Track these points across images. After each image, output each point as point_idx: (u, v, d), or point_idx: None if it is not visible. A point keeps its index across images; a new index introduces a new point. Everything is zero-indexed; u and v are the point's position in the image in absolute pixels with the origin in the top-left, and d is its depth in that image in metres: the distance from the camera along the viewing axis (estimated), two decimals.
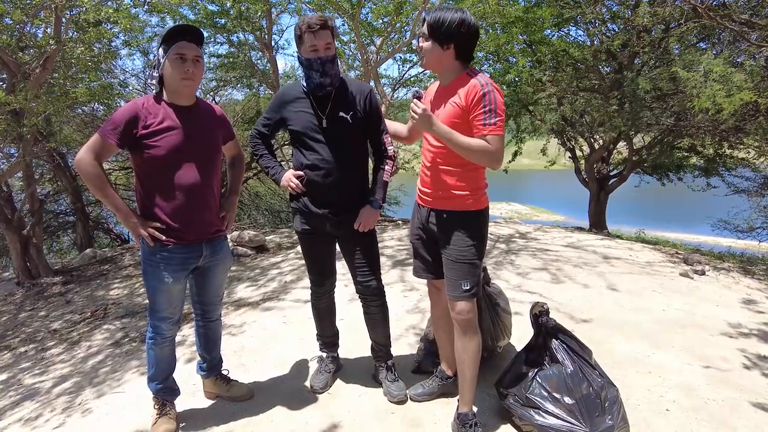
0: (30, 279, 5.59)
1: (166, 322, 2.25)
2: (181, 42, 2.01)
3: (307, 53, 2.16)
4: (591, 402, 2.02)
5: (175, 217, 2.10)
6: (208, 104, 2.29)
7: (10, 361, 3.67)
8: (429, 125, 1.95)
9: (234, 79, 8.74)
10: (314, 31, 2.12)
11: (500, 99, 1.93)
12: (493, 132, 1.91)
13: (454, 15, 1.94)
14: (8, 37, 4.88)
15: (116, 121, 2.00)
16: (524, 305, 3.51)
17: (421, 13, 6.61)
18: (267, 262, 5.48)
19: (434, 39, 1.98)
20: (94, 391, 2.90)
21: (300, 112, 2.28)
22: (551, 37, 7.97)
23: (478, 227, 2.11)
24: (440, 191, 2.13)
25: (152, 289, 2.17)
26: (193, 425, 2.37)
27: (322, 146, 2.26)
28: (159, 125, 2.03)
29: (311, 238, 2.44)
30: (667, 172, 9.56)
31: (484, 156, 1.94)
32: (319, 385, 2.59)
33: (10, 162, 5.61)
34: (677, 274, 4.52)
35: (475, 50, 2.12)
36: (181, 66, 2.01)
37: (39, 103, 4.51)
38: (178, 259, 2.15)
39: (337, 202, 2.31)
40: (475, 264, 2.11)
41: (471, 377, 2.15)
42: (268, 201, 12.84)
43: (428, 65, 2.08)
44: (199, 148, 2.12)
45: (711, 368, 2.79)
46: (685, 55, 5.80)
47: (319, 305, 2.61)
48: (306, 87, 2.29)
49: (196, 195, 2.12)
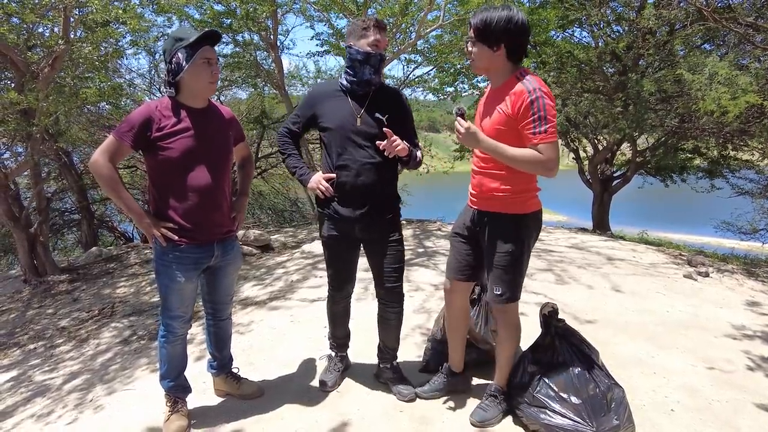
0: (37, 277, 5.63)
1: (178, 321, 2.28)
2: (206, 46, 2.05)
3: (368, 47, 2.17)
4: (597, 402, 2.04)
5: (187, 217, 2.13)
6: (219, 106, 2.32)
7: (20, 357, 3.71)
8: (475, 142, 1.94)
9: (239, 78, 8.78)
10: (380, 28, 2.17)
11: (550, 103, 1.88)
12: (545, 140, 1.86)
13: (501, 13, 1.89)
14: (17, 36, 4.92)
15: (131, 123, 2.03)
16: (529, 306, 3.54)
17: (427, 14, 6.63)
18: (272, 261, 5.51)
19: (482, 41, 1.93)
20: (105, 388, 2.94)
21: (335, 110, 2.27)
22: (556, 38, 7.99)
23: (518, 232, 2.08)
24: (484, 193, 2.13)
25: (165, 287, 2.20)
26: (204, 422, 2.40)
27: (355, 146, 2.24)
28: (173, 127, 2.06)
29: (338, 244, 2.39)
30: (670, 174, 9.58)
31: (535, 166, 1.91)
32: (329, 383, 2.62)
33: (18, 160, 5.65)
34: (681, 275, 4.54)
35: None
36: (208, 70, 2.06)
37: (49, 103, 4.56)
38: (190, 258, 2.18)
39: (367, 205, 2.28)
40: (508, 270, 2.10)
41: (506, 362, 2.28)
42: (271, 200, 12.88)
43: (479, 69, 2.04)
44: (212, 150, 2.15)
45: (715, 369, 2.81)
46: (690, 58, 5.82)
47: (336, 309, 2.60)
48: (347, 84, 2.27)
49: (209, 196, 2.15)
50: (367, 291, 3.96)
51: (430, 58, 8.61)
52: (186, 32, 2.06)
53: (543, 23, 7.11)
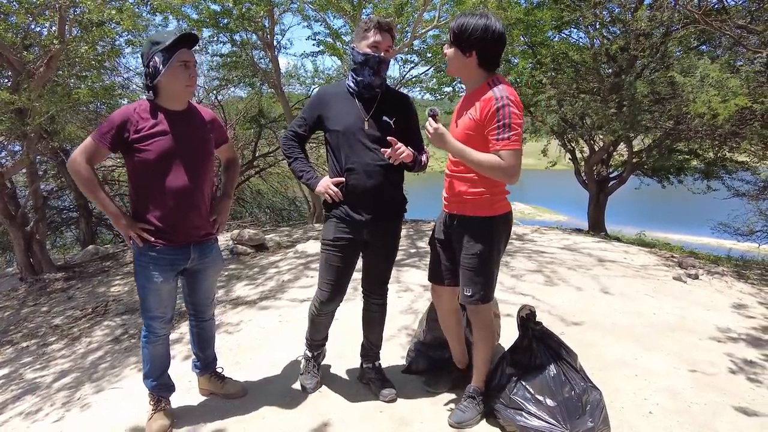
0: (33, 275, 5.67)
1: (158, 321, 2.30)
2: (182, 49, 2.05)
3: (367, 48, 2.17)
4: (572, 404, 2.07)
5: (163, 219, 2.14)
6: (200, 108, 2.32)
7: (12, 355, 3.75)
8: (443, 143, 2.00)
9: (236, 78, 8.80)
10: (383, 29, 2.17)
11: (516, 112, 1.91)
12: (507, 147, 1.90)
13: (478, 21, 1.93)
14: (13, 35, 4.95)
15: (108, 125, 2.06)
16: (516, 308, 3.54)
17: (422, 14, 6.65)
18: (266, 260, 5.54)
19: (457, 46, 1.98)
20: (93, 387, 2.97)
21: (343, 112, 2.26)
22: (552, 39, 8.00)
23: (488, 234, 2.12)
24: (455, 196, 2.18)
25: (142, 288, 2.23)
26: (188, 421, 2.43)
27: (364, 149, 2.23)
28: (150, 130, 2.07)
29: (343, 248, 2.34)
30: (667, 175, 9.58)
31: (496, 171, 1.95)
32: (310, 385, 2.64)
33: (14, 159, 5.69)
34: (671, 277, 4.56)
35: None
36: (185, 73, 2.08)
37: (42, 103, 4.58)
38: (166, 260, 2.19)
39: (376, 207, 2.29)
40: (478, 272, 2.14)
41: (482, 363, 2.31)
42: (270, 199, 12.91)
43: (452, 72, 2.10)
44: (189, 152, 2.16)
45: (697, 372, 2.83)
46: (683, 60, 5.82)
47: (319, 318, 2.56)
48: (354, 86, 2.27)
49: (186, 198, 2.16)
50: (356, 291, 3.98)
51: (427, 58, 8.63)
52: (163, 36, 2.06)
53: (539, 24, 7.13)
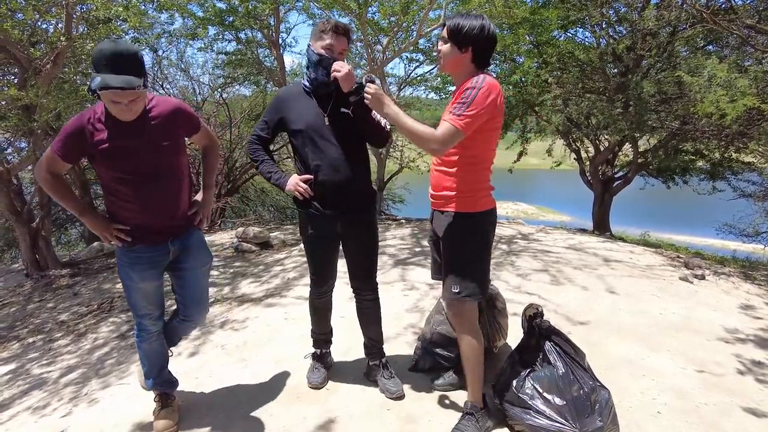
0: (39, 271, 5.69)
1: (147, 319, 2.27)
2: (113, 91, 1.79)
3: (321, 49, 2.21)
4: (581, 403, 2.06)
5: (136, 219, 2.10)
6: (162, 102, 2.12)
7: (18, 351, 3.76)
8: (380, 106, 2.03)
9: (241, 76, 8.81)
10: (338, 33, 2.21)
11: (480, 98, 1.91)
12: (453, 121, 1.92)
13: (474, 21, 2.00)
14: (20, 32, 4.96)
15: (62, 136, 1.98)
16: (522, 307, 3.54)
17: (428, 13, 6.64)
18: (271, 258, 5.55)
19: (453, 42, 2.02)
20: (100, 382, 2.98)
21: (302, 111, 2.29)
22: (558, 38, 7.97)
23: (470, 230, 2.13)
24: (438, 192, 2.18)
25: (126, 287, 2.21)
26: (194, 417, 2.44)
27: (328, 144, 2.27)
28: (103, 144, 1.97)
29: (319, 242, 2.43)
30: (672, 175, 9.55)
31: (425, 141, 1.97)
32: (317, 381, 2.65)
33: (20, 156, 5.71)
34: (677, 278, 4.54)
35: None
36: (116, 107, 1.89)
37: (50, 100, 4.60)
38: (145, 258, 2.16)
39: (347, 200, 2.33)
40: (464, 267, 2.14)
41: (472, 372, 2.22)
42: (273, 197, 12.93)
43: (445, 67, 2.12)
44: (149, 161, 2.05)
45: (705, 372, 2.82)
46: (690, 60, 5.80)
47: (318, 304, 2.64)
48: (309, 85, 2.31)
49: (151, 201, 2.09)
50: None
51: (432, 57, 8.62)
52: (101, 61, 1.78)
53: (545, 23, 7.10)
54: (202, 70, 14.60)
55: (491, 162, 2.17)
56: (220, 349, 3.25)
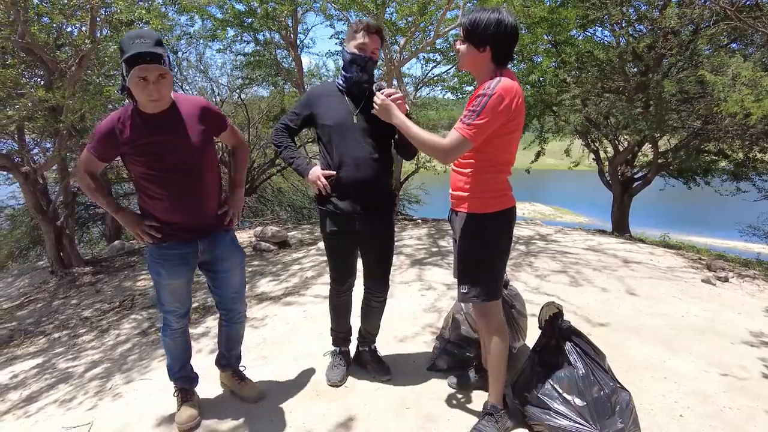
0: (63, 268, 5.82)
1: (173, 315, 2.33)
2: (142, 64, 1.90)
3: (354, 48, 2.28)
4: (601, 404, 2.05)
5: (166, 216, 2.16)
6: (187, 101, 2.19)
7: (45, 345, 3.86)
8: (388, 115, 2.04)
9: (259, 77, 8.90)
10: (370, 32, 2.27)
11: (491, 107, 1.85)
12: (461, 130, 1.89)
13: (491, 16, 1.91)
14: (46, 35, 5.09)
15: (95, 138, 2.09)
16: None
17: (445, 13, 6.63)
18: (289, 257, 5.60)
19: (470, 41, 1.96)
20: (123, 377, 3.04)
21: (333, 108, 2.35)
22: (576, 37, 7.90)
23: (480, 231, 2.10)
24: (454, 192, 2.18)
25: (155, 283, 2.28)
26: (215, 413, 2.48)
27: (353, 142, 2.32)
28: (134, 142, 2.05)
29: (339, 240, 2.46)
30: (694, 176, 9.39)
31: (433, 149, 1.97)
32: (336, 379, 2.68)
33: (46, 156, 5.85)
34: (699, 280, 4.46)
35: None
36: (145, 88, 1.95)
37: (75, 101, 4.71)
38: (175, 255, 2.21)
39: (366, 199, 2.37)
40: (472, 268, 2.13)
41: (495, 372, 2.22)
42: (291, 197, 13.04)
43: (464, 67, 2.09)
44: (177, 156, 2.10)
45: (729, 376, 2.77)
46: (713, 58, 5.69)
47: (338, 302, 2.67)
48: (343, 84, 2.37)
49: (184, 198, 2.15)
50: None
51: (449, 57, 8.60)
52: (128, 43, 1.91)
53: (564, 22, 7.04)
54: (221, 71, 14.72)
55: (510, 164, 2.11)
56: None
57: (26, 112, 4.75)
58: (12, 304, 5.18)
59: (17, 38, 4.47)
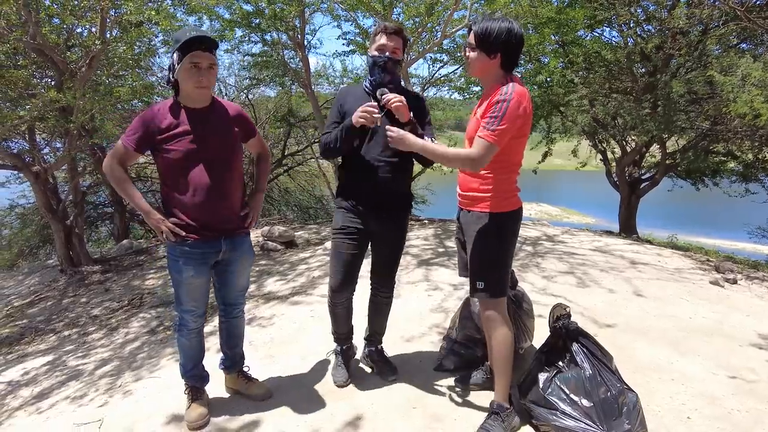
0: (72, 267, 5.89)
1: (190, 314, 2.36)
2: (196, 51, 2.05)
3: (375, 51, 2.34)
4: (608, 406, 2.05)
5: (192, 214, 2.20)
6: (225, 104, 2.34)
7: (55, 343, 3.90)
8: (407, 146, 2.09)
9: (267, 77, 8.93)
10: (388, 33, 2.32)
11: (512, 110, 1.95)
12: (487, 137, 1.96)
13: (502, 25, 2.01)
14: (57, 36, 5.15)
15: (134, 128, 2.13)
16: (548, 308, 3.50)
17: (452, 14, 6.63)
18: (296, 257, 5.63)
19: (481, 49, 2.04)
20: (133, 375, 3.08)
21: (358, 107, 2.32)
22: (584, 38, 7.87)
23: (496, 229, 2.17)
24: (466, 192, 2.24)
25: (175, 281, 2.30)
26: (225, 411, 2.50)
27: (377, 143, 2.36)
28: (174, 130, 2.12)
29: (351, 236, 2.45)
30: (702, 177, 9.33)
31: (463, 161, 2.04)
32: (341, 380, 2.68)
33: (56, 156, 5.91)
34: (707, 281, 4.44)
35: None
36: (196, 75, 2.07)
37: (86, 101, 4.75)
38: (197, 254, 2.24)
39: (385, 199, 2.43)
40: (490, 263, 2.18)
41: (501, 371, 2.24)
42: (297, 197, 13.08)
43: (474, 73, 2.16)
44: (213, 150, 2.19)
45: (737, 378, 2.76)
46: (722, 58, 5.65)
47: (337, 311, 2.65)
48: (369, 87, 2.42)
49: (213, 194, 2.19)
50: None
51: (456, 58, 8.60)
52: (184, 34, 2.07)
53: (571, 23, 7.02)
54: (229, 71, 14.77)
55: (519, 165, 2.22)
56: (248, 345, 3.30)
57: (37, 112, 4.80)
58: (23, 302, 5.25)
59: (29, 39, 4.53)
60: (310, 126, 11.02)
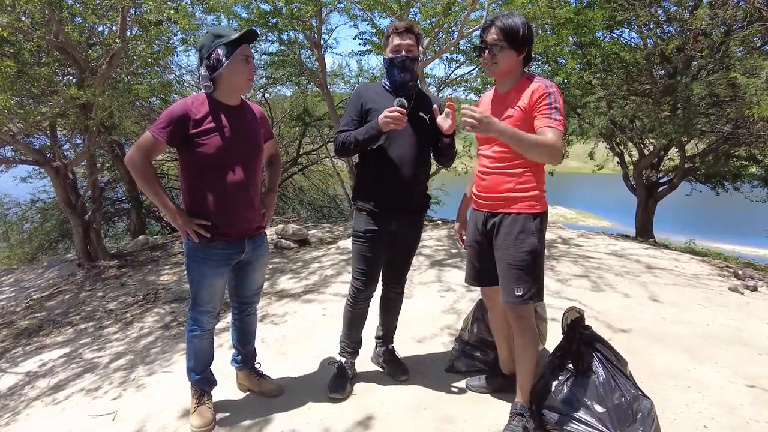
0: (90, 261, 5.99)
1: (207, 316, 2.34)
2: (244, 44, 2.10)
3: (390, 53, 2.33)
4: (622, 411, 2.02)
5: (219, 214, 2.17)
6: (250, 104, 2.36)
7: (72, 336, 3.97)
8: (491, 128, 1.83)
9: (283, 76, 8.98)
10: (399, 32, 2.32)
11: (561, 100, 1.99)
12: (558, 126, 1.95)
13: (521, 20, 2.01)
14: (79, 35, 5.24)
15: (167, 119, 2.08)
16: (562, 312, 3.47)
17: (470, 14, 6.59)
18: (309, 255, 5.65)
19: (511, 45, 2.01)
20: (146, 369, 3.11)
21: (383, 105, 2.30)
22: (603, 39, 7.77)
23: (535, 231, 2.11)
24: (498, 193, 2.15)
25: (196, 283, 2.26)
26: (234, 411, 2.51)
27: (395, 143, 2.35)
28: (208, 124, 2.10)
29: (373, 239, 2.43)
30: (722, 181, 9.15)
31: (548, 150, 1.91)
32: (339, 395, 2.55)
33: (76, 152, 6.01)
34: (726, 288, 4.35)
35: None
36: (246, 66, 2.12)
37: (105, 98, 4.83)
38: (222, 254, 2.23)
39: (406, 200, 2.42)
40: (530, 270, 2.12)
41: (527, 374, 2.22)
42: (311, 196, 13.14)
43: (502, 72, 2.08)
44: (244, 147, 2.20)
45: (756, 388, 2.70)
46: (746, 60, 5.54)
47: (355, 310, 2.62)
48: (389, 86, 2.41)
49: (241, 193, 2.19)
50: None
51: (473, 58, 8.55)
52: (225, 30, 2.11)
53: (590, 24, 6.93)
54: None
55: (544, 163, 2.17)
56: (260, 342, 3.32)
57: (58, 109, 4.90)
58: (42, 294, 5.35)
59: (52, 37, 4.62)
60: (325, 125, 11.05)
